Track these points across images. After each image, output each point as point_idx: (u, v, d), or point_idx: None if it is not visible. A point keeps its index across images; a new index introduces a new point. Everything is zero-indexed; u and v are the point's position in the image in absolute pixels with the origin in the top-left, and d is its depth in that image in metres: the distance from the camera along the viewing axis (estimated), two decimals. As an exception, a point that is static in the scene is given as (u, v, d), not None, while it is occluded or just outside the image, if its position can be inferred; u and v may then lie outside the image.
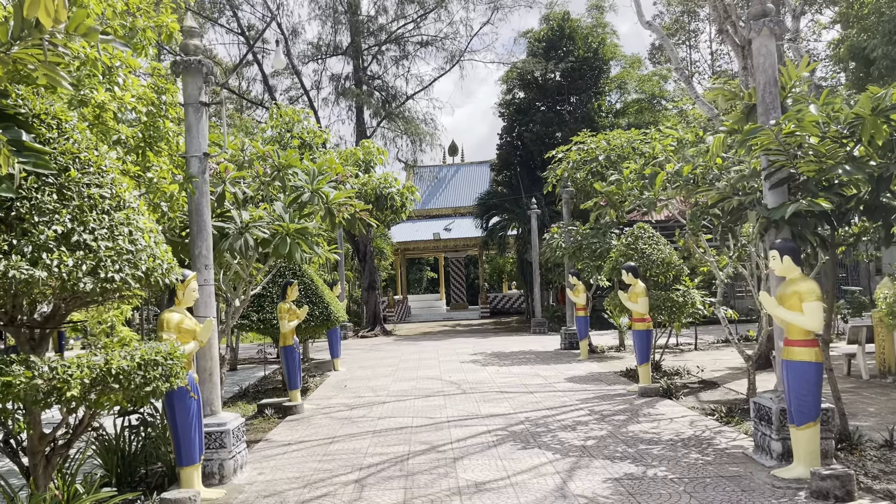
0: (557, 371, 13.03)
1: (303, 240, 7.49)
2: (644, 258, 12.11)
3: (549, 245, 17.05)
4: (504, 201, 27.06)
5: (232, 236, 7.14)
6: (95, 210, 4.56)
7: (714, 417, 8.25)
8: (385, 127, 27.37)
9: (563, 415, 8.82)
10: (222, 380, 8.58)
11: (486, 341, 20.74)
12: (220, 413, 6.57)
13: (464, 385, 11.70)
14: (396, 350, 19.15)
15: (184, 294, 5.90)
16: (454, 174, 41.73)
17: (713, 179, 7.62)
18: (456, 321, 32.68)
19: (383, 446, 7.49)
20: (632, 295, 10.46)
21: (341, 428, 8.63)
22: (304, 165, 8.36)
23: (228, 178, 7.47)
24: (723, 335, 18.58)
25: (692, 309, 11.89)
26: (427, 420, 8.82)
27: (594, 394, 10.35)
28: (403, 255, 37.84)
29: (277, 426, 9.06)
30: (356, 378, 13.38)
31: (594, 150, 16.03)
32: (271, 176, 8.02)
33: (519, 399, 10.06)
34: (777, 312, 5.78)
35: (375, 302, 26.22)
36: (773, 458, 6.15)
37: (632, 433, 7.61)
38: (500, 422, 8.51)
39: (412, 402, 10.29)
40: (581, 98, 26.88)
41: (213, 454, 6.28)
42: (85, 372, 4.18)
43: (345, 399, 10.91)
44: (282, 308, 10.23)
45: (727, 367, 12.61)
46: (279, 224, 7.36)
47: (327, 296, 12.21)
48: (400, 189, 15.93)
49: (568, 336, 17.05)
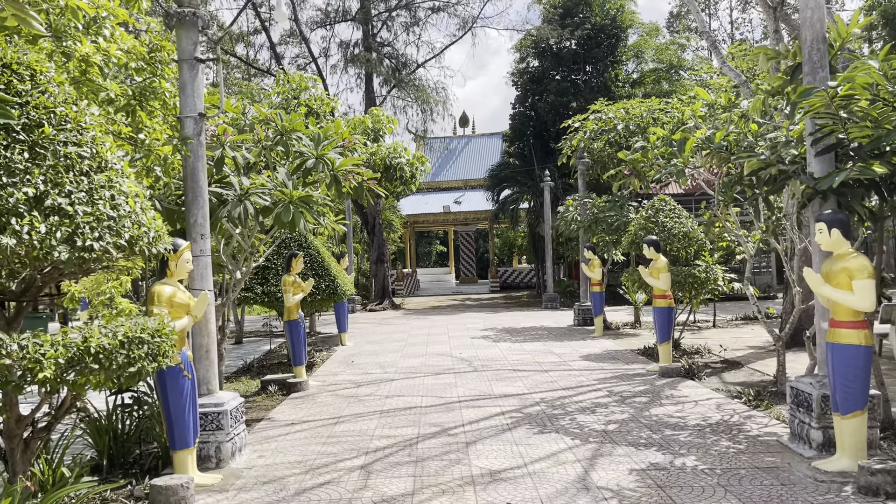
0: (572, 348, 12.59)
1: (306, 208, 7.00)
2: (665, 232, 11.58)
3: (563, 218, 16.53)
4: (516, 173, 26.45)
5: (230, 203, 6.67)
6: (73, 171, 4.10)
7: (741, 400, 7.79)
8: (395, 96, 26.70)
9: (581, 396, 8.38)
10: (221, 356, 8.19)
11: (497, 316, 20.32)
12: (217, 392, 6.16)
13: (475, 362, 11.28)
14: (405, 324, 18.77)
15: (176, 265, 5.45)
16: (465, 146, 41.04)
17: (748, 146, 7.07)
18: (465, 295, 32.28)
19: (391, 428, 7.08)
20: (653, 270, 9.95)
21: (347, 407, 8.23)
22: (309, 130, 7.85)
23: (228, 142, 6.97)
24: (741, 312, 18.08)
25: (714, 285, 11.39)
26: (437, 399, 8.41)
27: (612, 373, 9.90)
28: (412, 228, 37.37)
29: (281, 404, 8.68)
30: (364, 353, 12.99)
31: (612, 120, 15.42)
32: (273, 140, 7.51)
33: (533, 378, 9.63)
34: (823, 291, 5.28)
35: (384, 275, 25.81)
36: (812, 448, 5.69)
37: (655, 417, 7.16)
38: (514, 402, 8.09)
39: (421, 379, 9.88)
40: (597, 67, 26.11)
41: (210, 436, 5.87)
42: (60, 351, 3.75)
43: (351, 376, 10.52)
44: (286, 281, 9.80)
45: (748, 346, 12.13)
46: (281, 191, 6.87)
47: (334, 268, 11.77)
48: (409, 159, 15.39)
49: (582, 312, 16.59)
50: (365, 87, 25.33)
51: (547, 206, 22.08)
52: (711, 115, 8.00)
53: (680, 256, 11.79)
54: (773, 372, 9.48)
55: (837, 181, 5.33)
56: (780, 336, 8.30)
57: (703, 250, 11.82)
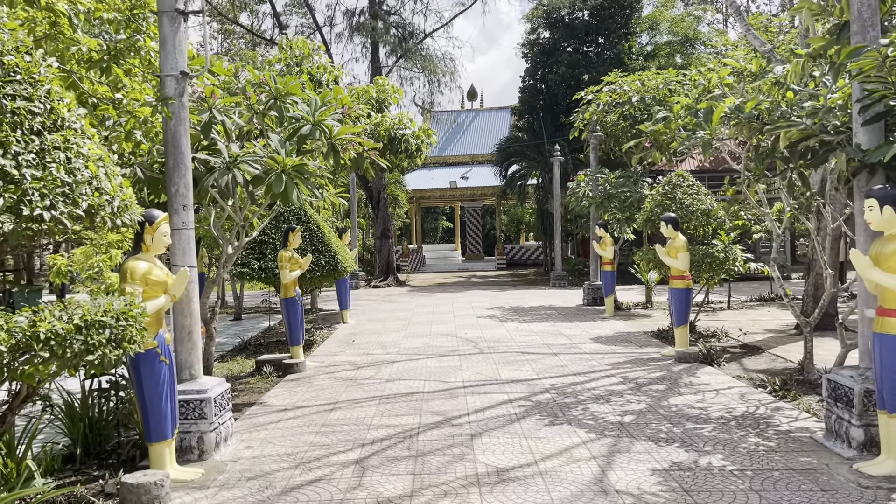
0: (582, 330, 12.07)
1: (301, 178, 6.45)
2: (683, 209, 10.98)
3: (574, 194, 15.93)
4: (525, 148, 25.75)
5: (217, 172, 6.12)
6: (21, 129, 3.56)
7: (766, 390, 7.27)
8: (401, 66, 25.93)
9: (593, 382, 7.87)
10: (212, 335, 7.71)
11: (504, 294, 19.81)
12: (200, 378, 5.66)
13: (481, 343, 10.78)
14: (409, 302, 18.28)
15: (152, 239, 4.93)
16: (473, 120, 40.25)
17: (782, 116, 6.46)
18: (471, 272, 31.76)
19: (390, 416, 6.59)
20: (671, 249, 9.38)
21: (345, 391, 7.75)
22: (306, 95, 7.27)
23: (216, 105, 6.40)
24: (755, 292, 17.50)
25: (733, 266, 10.82)
26: (440, 384, 7.92)
27: (625, 357, 9.38)
28: (418, 203, 36.78)
29: (275, 387, 8.20)
30: (365, 332, 12.51)
31: (627, 92, 14.74)
32: (266, 105, 6.93)
33: (542, 362, 9.13)
34: (871, 275, 4.71)
35: (389, 251, 25.28)
36: (851, 448, 5.17)
37: (675, 407, 6.65)
38: (522, 389, 7.58)
39: (424, 361, 9.39)
40: (610, 39, 25.26)
41: (192, 426, 5.39)
42: (2, 337, 3.24)
43: (351, 356, 10.04)
44: (283, 256, 9.28)
45: (767, 330, 11.58)
46: (273, 159, 6.32)
47: (334, 244, 11.24)
48: (415, 131, 14.72)
49: (591, 291, 16.04)
50: (371, 58, 24.57)
51: (556, 181, 21.44)
52: (740, 83, 7.38)
53: (697, 235, 11.20)
54: (797, 358, 8.95)
55: (890, 154, 4.75)
56: (808, 321, 7.74)
57: (722, 229, 11.23)
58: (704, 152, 6.79)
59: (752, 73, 7.28)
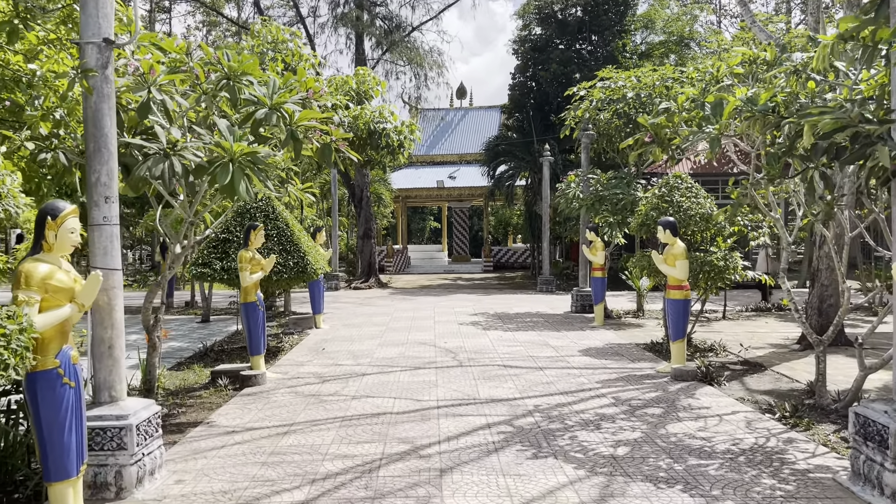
0: (570, 340, 11.29)
1: (252, 169, 5.62)
2: (681, 212, 10.22)
3: (563, 195, 15.14)
4: (514, 147, 24.98)
5: (152, 159, 5.27)
6: None
7: (775, 417, 6.50)
8: (387, 59, 25.03)
9: (582, 403, 7.07)
10: (155, 346, 6.84)
11: (489, 299, 19.01)
12: (122, 400, 4.81)
13: (461, 354, 9.96)
14: (389, 306, 17.43)
15: (56, 236, 4.07)
16: (462, 118, 39.44)
17: (801, 109, 5.69)
18: (457, 274, 30.96)
19: (351, 443, 5.76)
20: (668, 256, 8.60)
21: (304, 410, 6.91)
22: (265, 75, 6.43)
23: (156, 83, 5.55)
24: (749, 301, 16.81)
25: (733, 274, 10.06)
26: (412, 403, 7.09)
27: (616, 373, 8.60)
28: (404, 202, 35.92)
29: (228, 402, 7.35)
30: (338, 339, 11.66)
31: (622, 88, 13.98)
32: (217, 85, 6.07)
33: (526, 377, 8.33)
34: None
35: (371, 251, 24.41)
36: (884, 496, 4.39)
37: (674, 437, 5.86)
38: (502, 411, 6.78)
39: (397, 375, 8.56)
40: (603, 37, 24.54)
41: (108, 458, 4.54)
42: None
43: (319, 367, 9.20)
44: (243, 257, 8.43)
45: (767, 344, 10.84)
46: (220, 145, 5.48)
47: (305, 243, 10.39)
48: (397, 126, 13.91)
49: (580, 298, 15.27)
50: (355, 50, 23.67)
51: (546, 182, 20.67)
52: (752, 73, 6.61)
53: (695, 241, 10.44)
54: (804, 378, 8.22)
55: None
56: (821, 340, 6.98)
57: (721, 235, 10.48)
58: (712, 149, 6.01)
59: (765, 61, 6.51)
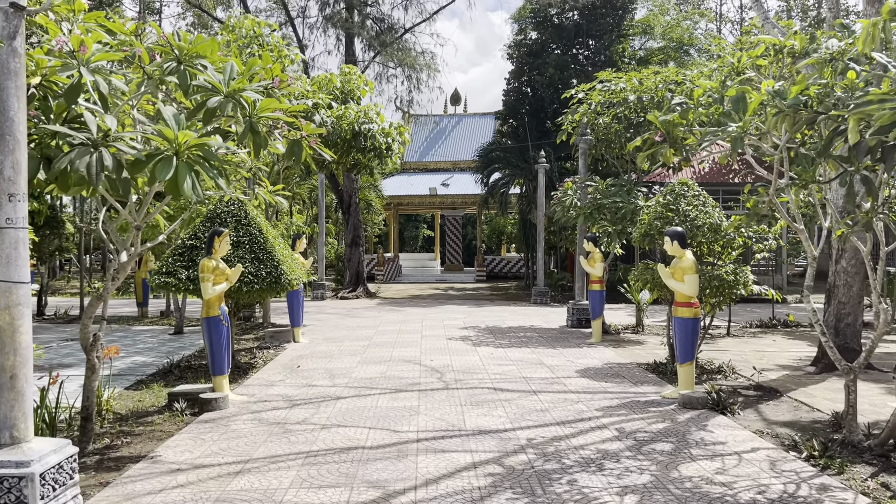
0: (566, 358, 10.47)
1: (202, 164, 4.80)
2: (688, 222, 9.43)
3: (560, 203, 14.36)
4: (508, 153, 24.21)
5: (76, 151, 4.44)
6: None
7: (802, 456, 5.68)
8: (379, 62, 24.22)
9: (582, 437, 6.25)
10: (94, 368, 5.99)
11: (481, 311, 18.19)
12: (27, 442, 3.96)
13: (447, 375, 9.13)
14: (376, 317, 16.59)
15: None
16: (455, 125, 38.72)
17: (838, 103, 4.92)
18: (449, 284, 30.16)
19: (311, 487, 4.92)
20: (676, 270, 7.81)
21: (265, 443, 6.06)
22: (223, 58, 5.62)
23: (88, 61, 4.72)
24: (752, 316, 16.06)
25: (743, 289, 9.28)
26: (388, 435, 6.25)
27: (618, 399, 7.78)
28: (396, 210, 35.11)
29: (182, 430, 6.50)
30: (316, 355, 10.81)
31: (623, 91, 13.23)
32: (164, 69, 5.25)
33: (518, 403, 7.50)
34: None
35: (359, 259, 23.56)
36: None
37: (689, 482, 5.03)
38: (491, 445, 5.94)
39: (375, 399, 7.72)
40: (601, 42, 23.85)
41: (3, 515, 3.70)
42: None
43: (290, 388, 8.35)
44: (205, 266, 7.60)
45: (778, 366, 10.05)
46: (163, 135, 4.66)
47: (280, 252, 9.55)
48: (384, 128, 13.09)
49: (577, 312, 14.45)
50: (345, 51, 22.86)
51: (541, 189, 19.90)
52: (778, 63, 5.83)
53: (703, 253, 9.65)
54: (825, 406, 7.44)
55: None
56: (851, 367, 6.18)
57: (730, 246, 9.70)
58: (733, 150, 5.23)
59: (792, 52, 5.73)
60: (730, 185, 21.48)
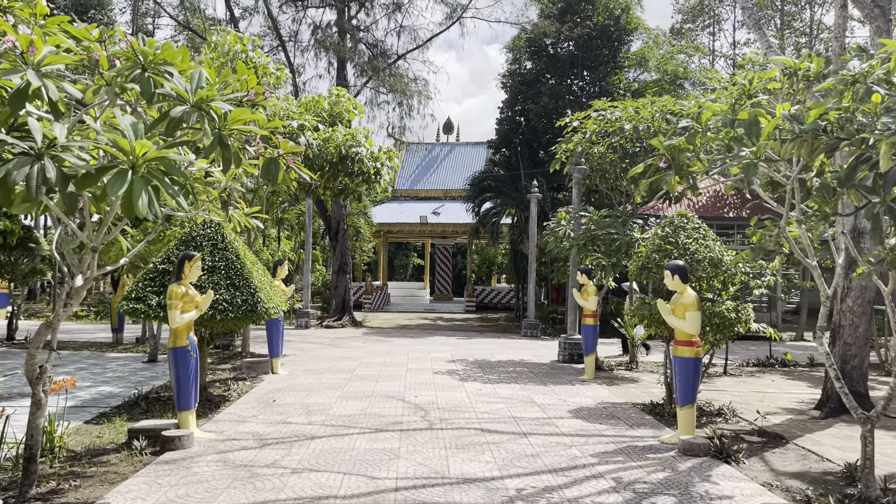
0: (558, 397, 9.93)
1: (160, 180, 4.32)
2: (687, 256, 8.99)
3: (554, 233, 13.92)
4: (500, 182, 23.86)
5: (14, 162, 3.95)
6: None
7: (817, 514, 5.17)
8: (371, 88, 23.92)
9: (576, 487, 5.71)
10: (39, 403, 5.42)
11: (470, 343, 17.64)
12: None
13: (432, 413, 8.57)
14: (361, 348, 16.01)
15: None
16: (448, 153, 38.48)
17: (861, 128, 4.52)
18: (438, 314, 29.59)
19: (273, 546, 4.36)
20: (677, 307, 7.35)
21: (227, 489, 5.49)
22: (193, 66, 5.17)
23: (39, 64, 4.26)
24: (749, 354, 15.60)
25: (744, 327, 8.83)
26: (364, 484, 5.69)
27: (614, 443, 7.25)
28: (386, 237, 34.64)
29: (137, 473, 5.91)
30: (294, 388, 10.23)
31: (619, 121, 12.90)
32: (127, 75, 4.79)
33: (507, 447, 6.95)
34: None
35: (346, 287, 23.01)
36: None
37: (697, 546, 4.50)
38: (477, 497, 5.39)
39: (353, 440, 7.16)
40: (596, 73, 23.70)
41: None
42: None
43: (262, 425, 7.77)
44: (173, 292, 7.07)
45: (781, 408, 9.55)
46: (117, 146, 4.18)
47: (258, 279, 9.04)
48: (373, 151, 12.67)
49: (568, 346, 13.95)
50: (337, 76, 22.57)
51: (533, 219, 19.50)
52: (791, 87, 5.44)
53: (702, 289, 9.20)
54: (834, 455, 6.95)
55: None
56: (868, 417, 5.70)
57: (731, 282, 9.26)
58: (747, 177, 4.80)
59: (807, 74, 5.34)
60: (724, 218, 21.18)
